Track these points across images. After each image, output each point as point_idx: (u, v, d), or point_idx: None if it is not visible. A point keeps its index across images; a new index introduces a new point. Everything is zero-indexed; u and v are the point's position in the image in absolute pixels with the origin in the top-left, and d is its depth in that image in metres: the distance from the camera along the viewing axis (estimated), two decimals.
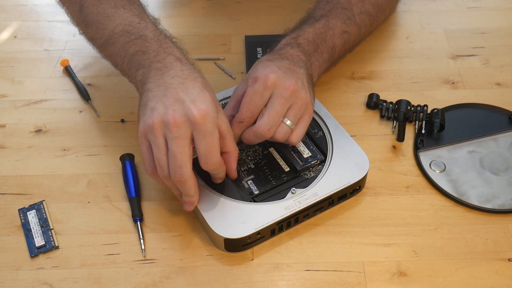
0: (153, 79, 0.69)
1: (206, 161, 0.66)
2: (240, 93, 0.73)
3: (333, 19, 0.83)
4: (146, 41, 0.73)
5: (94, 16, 0.78)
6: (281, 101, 0.70)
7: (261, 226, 0.69)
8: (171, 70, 0.69)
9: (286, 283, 0.69)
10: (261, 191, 0.73)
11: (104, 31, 0.77)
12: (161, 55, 0.71)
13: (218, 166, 0.68)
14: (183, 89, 0.67)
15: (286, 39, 0.79)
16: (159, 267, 0.70)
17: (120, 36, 0.75)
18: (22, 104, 0.89)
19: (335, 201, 0.74)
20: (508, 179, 0.78)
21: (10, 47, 0.98)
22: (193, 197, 0.69)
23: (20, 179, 0.79)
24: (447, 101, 0.88)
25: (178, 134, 0.65)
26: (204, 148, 0.66)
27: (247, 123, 0.71)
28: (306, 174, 0.75)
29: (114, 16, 0.76)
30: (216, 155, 0.67)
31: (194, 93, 0.67)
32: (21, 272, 0.70)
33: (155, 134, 0.66)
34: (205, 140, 0.65)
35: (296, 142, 0.73)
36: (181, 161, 0.65)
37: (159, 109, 0.66)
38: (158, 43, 0.73)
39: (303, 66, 0.75)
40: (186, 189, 0.67)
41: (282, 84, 0.70)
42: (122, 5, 0.77)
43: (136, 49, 0.73)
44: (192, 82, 0.68)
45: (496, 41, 0.98)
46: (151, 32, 0.74)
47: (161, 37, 0.74)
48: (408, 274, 0.69)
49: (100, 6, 0.78)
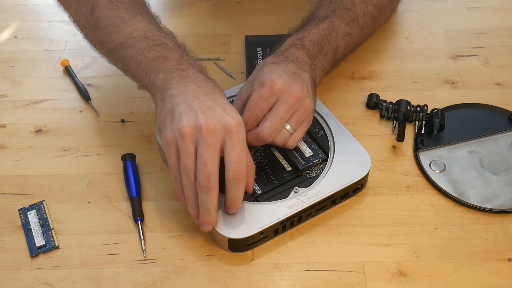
0: (178, 85, 0.68)
1: (235, 168, 0.65)
2: (245, 95, 0.74)
3: (337, 20, 0.82)
4: (167, 49, 0.72)
5: (109, 19, 0.76)
6: (285, 107, 0.70)
7: (264, 225, 0.69)
8: (196, 80, 0.69)
9: (286, 283, 0.69)
10: (263, 190, 0.73)
11: (118, 34, 0.75)
12: (184, 64, 0.71)
13: (244, 177, 0.66)
14: (212, 99, 0.67)
15: (291, 39, 0.79)
16: (159, 267, 0.70)
17: (138, 40, 0.74)
18: (22, 104, 0.89)
19: (338, 200, 0.75)
20: (508, 179, 0.78)
21: (10, 47, 0.98)
22: (212, 215, 0.66)
23: (20, 179, 0.79)
24: (447, 101, 0.88)
25: (210, 141, 0.64)
26: (236, 155, 0.65)
27: (250, 126, 0.71)
28: (308, 173, 0.75)
29: (131, 20, 0.75)
30: (245, 164, 0.66)
31: (223, 103, 0.67)
32: (21, 272, 0.70)
33: (185, 140, 0.64)
34: (238, 148, 0.65)
35: (293, 147, 0.74)
36: (210, 168, 0.64)
37: (190, 115, 0.65)
38: (179, 53, 0.72)
39: (307, 69, 0.75)
40: (208, 201, 0.65)
41: (288, 91, 0.71)
42: (139, 12, 0.77)
43: (157, 55, 0.72)
44: (219, 94, 0.68)
45: (496, 41, 0.98)
46: (171, 42, 0.74)
47: (181, 49, 0.74)
48: (408, 274, 0.69)
49: (116, 10, 0.76)
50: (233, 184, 0.66)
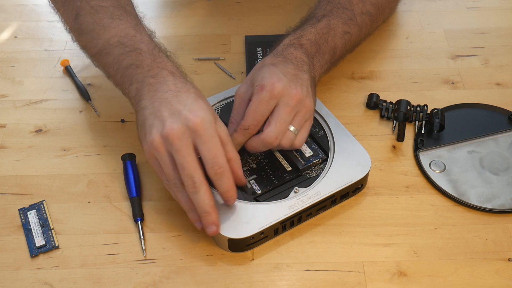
0: (147, 95, 0.70)
1: (212, 165, 0.66)
2: (245, 96, 0.74)
3: (334, 20, 0.83)
4: (140, 54, 0.73)
5: (90, 25, 0.78)
6: (287, 110, 0.71)
7: (264, 225, 0.69)
8: (164, 85, 0.70)
9: (286, 283, 0.69)
10: (263, 190, 0.73)
11: (98, 40, 0.76)
12: (155, 70, 0.72)
13: (225, 169, 0.66)
14: (178, 101, 0.68)
15: (289, 39, 0.79)
16: (159, 267, 0.70)
17: (114, 47, 0.75)
18: (22, 104, 0.89)
19: (338, 200, 0.75)
20: (508, 179, 0.78)
21: (10, 47, 0.98)
22: (211, 214, 0.66)
23: (20, 179, 0.79)
24: (447, 101, 0.88)
25: (180, 146, 0.65)
26: (208, 152, 0.65)
27: (252, 130, 0.72)
28: (308, 173, 0.75)
29: (110, 26, 0.76)
30: (222, 157, 0.66)
31: (189, 103, 0.67)
32: (21, 272, 0.70)
33: (159, 152, 0.66)
34: (208, 144, 0.65)
35: (300, 146, 0.74)
36: (189, 170, 0.65)
37: (157, 126, 0.66)
38: (152, 57, 0.73)
39: (306, 70, 0.75)
40: (201, 200, 0.66)
41: (288, 93, 0.71)
42: (118, 16, 0.77)
43: (130, 62, 0.73)
44: (186, 94, 0.69)
45: (496, 41, 0.98)
46: (146, 45, 0.74)
47: (155, 51, 0.74)
48: (408, 274, 0.69)
49: (96, 15, 0.77)
50: (217, 178, 0.67)
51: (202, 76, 0.93)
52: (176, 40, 0.99)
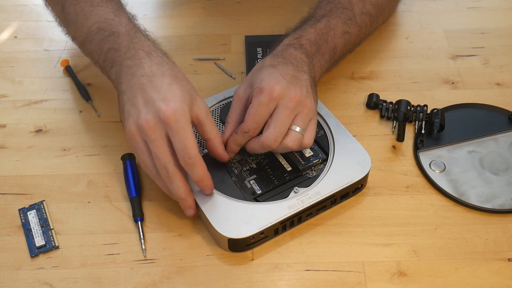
0: (125, 79, 0.71)
1: (183, 156, 0.67)
2: (244, 97, 0.74)
3: (334, 19, 0.83)
4: (118, 37, 0.75)
5: (73, 15, 0.80)
6: (286, 112, 0.71)
7: (264, 225, 0.69)
8: (140, 68, 0.71)
9: (286, 283, 0.69)
10: (263, 190, 0.73)
11: (82, 29, 0.79)
12: (131, 51, 0.73)
13: (195, 159, 0.67)
14: (152, 88, 0.69)
15: (288, 39, 0.79)
16: (159, 267, 0.70)
17: (95, 34, 0.77)
18: (22, 104, 0.89)
19: (338, 200, 0.74)
20: (508, 179, 0.78)
21: (10, 47, 0.98)
22: (186, 200, 0.70)
23: (20, 179, 0.79)
24: (447, 101, 0.88)
25: (154, 137, 0.67)
26: (179, 143, 0.67)
27: (252, 133, 0.72)
28: (308, 173, 0.75)
29: (90, 14, 0.78)
30: (193, 147, 0.67)
31: (162, 90, 0.68)
32: (21, 272, 0.70)
33: (135, 140, 0.69)
34: (179, 136, 0.67)
35: (310, 145, 0.74)
36: (163, 160, 0.67)
37: (133, 114, 0.68)
38: (128, 39, 0.74)
39: (306, 70, 0.75)
40: (176, 188, 0.69)
41: (287, 95, 0.71)
42: (98, 3, 0.79)
43: (109, 46, 0.75)
44: (160, 79, 0.70)
45: (496, 41, 0.98)
46: (124, 27, 0.76)
47: (132, 32, 0.75)
48: (408, 274, 0.69)
49: (78, 5, 0.80)
50: (189, 169, 0.68)
51: (202, 76, 0.93)
52: (176, 40, 0.99)
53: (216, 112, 0.81)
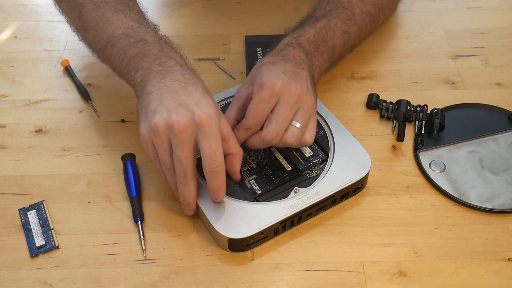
0: (153, 81, 0.69)
1: (210, 162, 0.66)
2: (243, 95, 0.74)
3: (333, 19, 0.83)
4: (146, 44, 0.73)
5: (93, 20, 0.78)
6: (287, 107, 0.71)
7: (264, 225, 0.69)
8: (172, 74, 0.70)
9: (286, 283, 0.69)
10: (263, 190, 0.73)
11: (103, 34, 0.77)
12: (162, 58, 0.72)
13: (221, 168, 0.67)
14: (185, 93, 0.68)
15: (287, 39, 0.79)
16: (159, 267, 0.70)
17: (119, 39, 0.75)
18: (22, 104, 0.89)
19: (338, 200, 0.74)
20: (508, 179, 0.78)
21: (10, 47, 0.98)
22: (191, 205, 0.70)
23: (20, 179, 0.79)
24: (447, 101, 0.88)
25: (183, 139, 0.65)
26: (209, 148, 0.66)
27: (253, 129, 0.72)
28: (308, 173, 0.75)
29: (113, 20, 0.77)
30: (221, 156, 0.66)
31: (196, 97, 0.67)
32: (21, 272, 0.70)
33: (160, 138, 0.66)
34: (210, 141, 0.66)
35: (310, 142, 0.74)
36: (186, 164, 0.66)
37: (161, 112, 0.66)
38: (158, 47, 0.73)
39: (305, 67, 0.75)
40: (187, 193, 0.69)
41: (288, 91, 0.71)
42: (121, 10, 0.78)
43: (136, 52, 0.73)
44: (194, 87, 0.69)
45: (496, 41, 0.98)
46: (151, 36, 0.75)
47: (161, 41, 0.75)
48: (408, 274, 0.69)
49: (99, 10, 0.78)
50: (212, 176, 0.67)
51: (202, 76, 0.91)
52: (176, 40, 0.97)
53: None
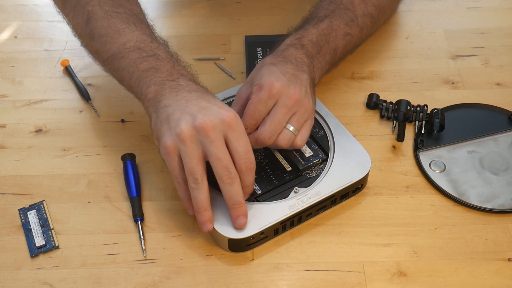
0: (170, 95, 0.69)
1: (245, 160, 0.66)
2: (244, 96, 0.74)
3: (336, 20, 0.83)
4: (159, 60, 0.73)
5: (103, 29, 0.77)
6: (284, 110, 0.71)
7: (264, 225, 0.69)
8: (187, 87, 0.70)
9: (286, 283, 0.69)
10: (263, 190, 0.73)
11: (112, 44, 0.76)
12: (175, 75, 0.72)
13: (254, 164, 0.67)
14: (205, 99, 0.68)
15: (290, 39, 0.79)
16: (159, 267, 0.70)
17: (131, 51, 0.74)
18: (22, 104, 0.89)
19: (338, 200, 0.74)
20: (508, 179, 0.78)
21: (10, 47, 0.98)
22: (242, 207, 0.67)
23: (20, 179, 0.79)
24: (447, 101, 0.88)
25: (215, 137, 0.64)
26: (243, 147, 0.66)
27: (249, 129, 0.72)
28: (308, 173, 0.75)
29: (125, 31, 0.76)
30: (252, 153, 0.67)
31: (217, 102, 0.68)
32: (21, 272, 0.70)
33: (187, 143, 0.64)
34: (242, 139, 0.66)
35: (301, 145, 0.74)
36: (227, 161, 0.65)
37: (186, 119, 0.65)
38: (171, 64, 0.73)
39: (306, 70, 0.75)
40: (234, 192, 0.66)
41: (286, 93, 0.71)
42: (133, 22, 0.77)
43: (149, 66, 0.72)
44: (211, 96, 0.70)
45: (496, 41, 0.98)
46: (163, 53, 0.74)
47: (173, 59, 0.75)
48: (408, 274, 0.69)
49: (110, 20, 0.77)
50: (247, 173, 0.67)
51: (202, 76, 0.92)
52: (176, 40, 0.99)
53: None
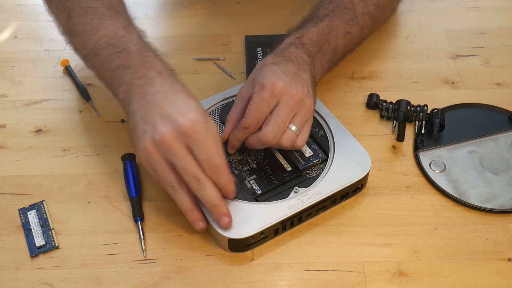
0: (136, 98, 0.69)
1: (209, 166, 0.66)
2: (246, 96, 0.74)
3: (336, 20, 0.83)
4: (128, 54, 0.73)
5: (80, 26, 0.77)
6: (287, 110, 0.71)
7: (264, 226, 0.69)
8: (152, 86, 0.69)
9: (286, 283, 0.69)
10: (263, 190, 0.73)
11: (88, 42, 0.76)
12: (142, 70, 0.71)
13: (222, 167, 0.67)
14: (167, 103, 0.67)
15: (290, 38, 0.79)
16: (159, 267, 0.70)
17: (103, 48, 0.74)
18: (22, 104, 0.89)
19: (338, 200, 0.74)
20: (508, 179, 0.78)
21: (10, 47, 0.98)
22: (221, 207, 0.67)
23: (20, 179, 0.79)
24: (447, 101, 0.88)
25: (176, 150, 0.65)
26: (204, 153, 0.66)
27: (252, 129, 0.72)
28: (308, 173, 0.75)
29: (99, 27, 0.76)
30: (217, 156, 0.66)
31: (178, 104, 0.67)
32: (21, 272, 0.70)
33: (153, 157, 0.66)
34: (202, 145, 0.66)
35: (302, 146, 0.74)
36: (192, 169, 0.66)
37: (148, 131, 0.66)
38: (140, 58, 0.73)
39: (307, 69, 0.75)
40: (209, 195, 0.67)
41: (288, 93, 0.71)
42: (108, 16, 0.77)
43: (119, 63, 0.73)
44: (174, 95, 0.68)
45: (496, 41, 0.98)
46: (135, 45, 0.74)
47: (143, 50, 0.74)
48: (408, 274, 0.69)
49: (86, 16, 0.77)
50: (217, 177, 0.67)
51: (202, 76, 0.93)
52: (176, 40, 0.99)
53: (216, 112, 0.81)
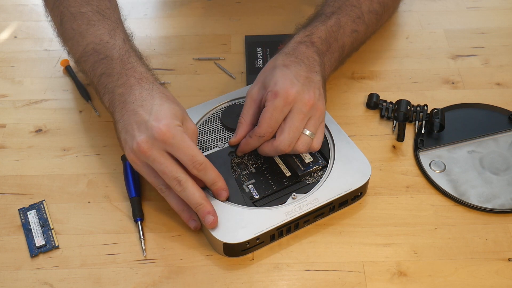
0: (118, 108, 0.72)
1: (193, 165, 0.67)
2: (257, 98, 0.74)
3: (344, 17, 0.83)
4: (111, 62, 0.75)
5: (71, 32, 0.80)
6: (300, 116, 0.71)
7: (260, 231, 0.68)
8: (130, 95, 0.72)
9: (286, 283, 0.69)
10: (261, 195, 0.73)
11: (78, 47, 0.78)
12: (123, 78, 0.73)
13: (206, 164, 0.68)
14: (144, 111, 0.69)
15: (300, 36, 0.79)
16: (159, 267, 0.70)
17: (90, 55, 0.77)
18: (22, 104, 0.89)
19: (336, 207, 0.74)
20: (508, 179, 0.78)
21: (10, 47, 0.98)
22: (204, 205, 0.68)
23: (20, 179, 0.79)
24: (447, 101, 0.88)
25: (154, 156, 0.67)
26: (185, 155, 0.67)
27: (266, 137, 0.72)
28: (307, 179, 0.74)
29: (86, 33, 0.78)
30: (199, 155, 0.67)
31: (153, 111, 0.69)
32: (21, 272, 0.70)
33: (137, 164, 0.70)
34: (181, 149, 0.67)
35: (318, 148, 0.74)
36: (171, 172, 0.67)
37: (128, 141, 0.69)
38: (121, 64, 0.74)
39: (318, 70, 0.75)
40: (191, 195, 0.68)
41: (301, 99, 0.71)
42: (95, 21, 0.79)
43: (102, 71, 0.75)
44: (150, 101, 0.70)
45: (496, 41, 0.98)
46: (117, 51, 0.76)
47: (125, 56, 0.75)
48: (408, 274, 0.69)
49: (75, 22, 0.79)
50: (202, 174, 0.68)
51: (202, 76, 0.93)
52: (176, 40, 0.99)
53: (218, 115, 0.81)
